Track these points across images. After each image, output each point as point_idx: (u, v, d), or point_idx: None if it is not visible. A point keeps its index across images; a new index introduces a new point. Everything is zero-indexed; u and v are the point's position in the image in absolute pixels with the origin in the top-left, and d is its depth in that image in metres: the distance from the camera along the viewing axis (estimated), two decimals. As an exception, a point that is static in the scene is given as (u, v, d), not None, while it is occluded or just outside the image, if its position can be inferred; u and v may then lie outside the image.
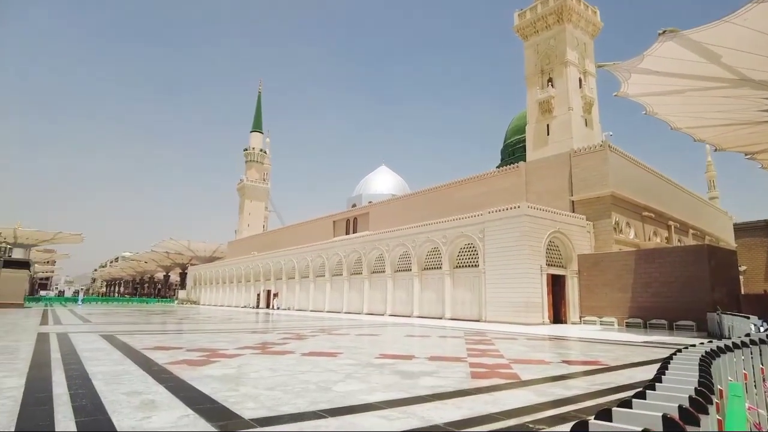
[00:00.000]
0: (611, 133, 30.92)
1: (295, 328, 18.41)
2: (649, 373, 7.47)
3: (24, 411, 4.49)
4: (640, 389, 2.26)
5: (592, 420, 1.78)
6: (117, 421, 4.11)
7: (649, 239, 30.29)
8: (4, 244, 45.51)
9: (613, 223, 26.78)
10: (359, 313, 33.20)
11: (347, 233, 47.43)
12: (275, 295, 45.97)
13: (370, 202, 52.42)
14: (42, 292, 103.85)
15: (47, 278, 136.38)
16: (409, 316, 28.78)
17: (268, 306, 46.59)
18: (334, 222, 51.10)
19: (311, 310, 38.79)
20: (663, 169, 34.52)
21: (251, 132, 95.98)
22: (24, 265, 37.96)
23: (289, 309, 42.08)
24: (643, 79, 14.99)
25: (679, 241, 33.36)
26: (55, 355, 8.68)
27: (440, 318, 26.71)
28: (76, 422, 4.06)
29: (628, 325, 21.52)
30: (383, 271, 32.53)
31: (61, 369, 7.06)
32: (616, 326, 21.81)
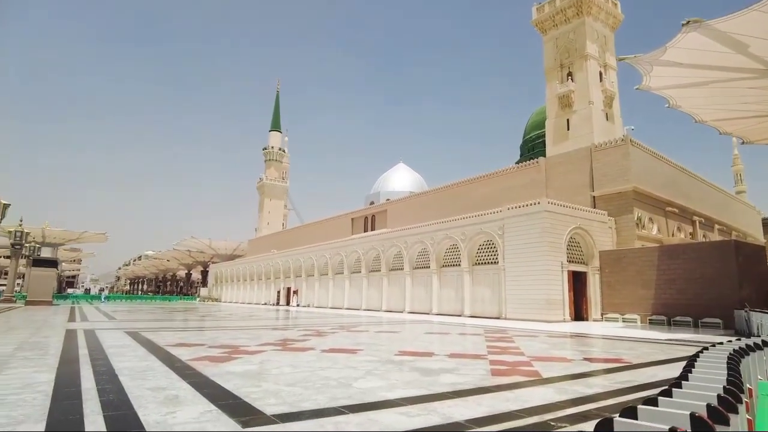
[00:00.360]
0: (633, 127, 30.40)
1: (314, 325, 18.54)
2: (673, 371, 7.33)
3: (54, 404, 4.62)
4: (666, 387, 2.22)
5: (616, 418, 1.75)
6: (143, 416, 4.20)
7: (673, 235, 29.67)
8: (33, 244, 46.70)
9: (636, 218, 26.30)
10: (378, 310, 33.27)
11: (365, 231, 47.54)
12: (295, 292, 46.36)
13: (388, 199, 52.45)
14: (69, 290, 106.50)
15: (74, 276, 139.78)
16: (427, 314, 28.74)
17: (288, 303, 47.02)
18: (352, 219, 51.26)
19: (330, 307, 39.02)
20: (687, 163, 33.89)
21: (270, 131, 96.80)
22: (52, 264, 38.98)
23: (308, 306, 42.41)
24: (666, 71, 14.68)
25: (704, 236, 32.61)
26: (83, 351, 8.90)
27: (459, 315, 26.62)
28: (104, 416, 4.16)
29: (652, 323, 21.13)
30: (402, 269, 32.53)
31: (89, 365, 7.23)
32: (638, 324, 21.43)
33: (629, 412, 1.81)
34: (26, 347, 9.40)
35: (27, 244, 42.16)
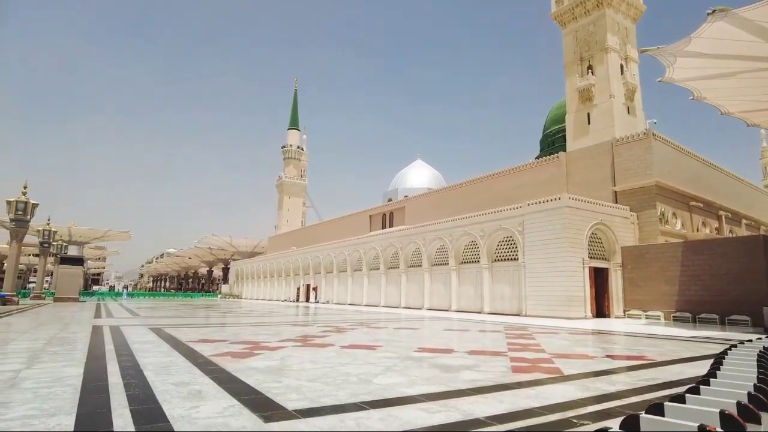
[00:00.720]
0: (655, 121, 29.80)
1: (334, 321, 18.65)
2: (699, 369, 7.18)
3: (83, 398, 4.74)
4: (693, 385, 2.17)
5: (643, 414, 1.72)
6: (168, 410, 4.28)
7: (698, 230, 29.00)
8: (60, 242, 47.94)
9: (659, 213, 25.79)
10: (397, 307, 33.30)
11: (383, 227, 47.58)
12: (314, 289, 46.69)
13: (405, 196, 52.37)
14: (95, 287, 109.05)
15: (99, 274, 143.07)
16: (446, 310, 28.66)
17: (307, 300, 47.38)
18: (370, 216, 51.34)
19: (349, 304, 39.19)
20: (713, 157, 33.08)
21: (288, 129, 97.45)
22: (78, 261, 39.91)
23: (327, 303, 42.66)
24: (690, 62, 14.34)
25: (730, 231, 31.81)
26: (109, 347, 9.10)
27: (479, 312, 26.48)
28: (130, 410, 4.25)
29: (676, 320, 20.72)
30: (420, 265, 32.49)
31: (115, 360, 7.40)
32: (662, 320, 21.04)
33: (656, 409, 1.78)
34: (55, 342, 9.66)
35: (54, 243, 43.32)
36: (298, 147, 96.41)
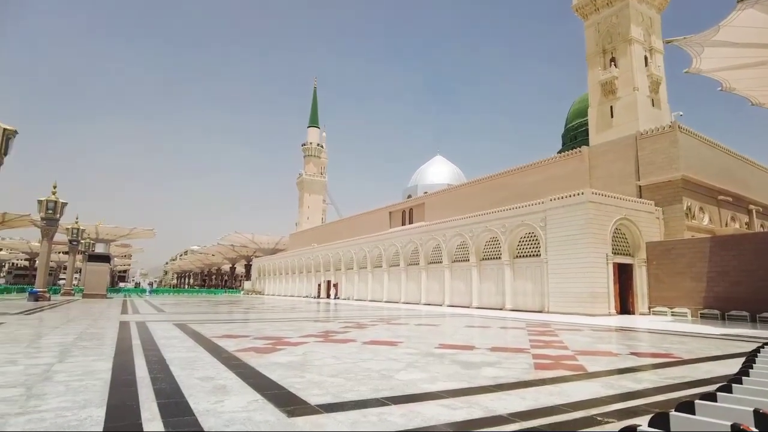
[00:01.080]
0: (681, 113, 29.03)
1: (355, 317, 18.73)
2: (729, 367, 7.00)
3: (113, 391, 4.87)
4: (725, 383, 2.12)
5: (672, 412, 1.69)
6: (193, 404, 4.36)
7: (726, 225, 28.25)
8: (87, 240, 49.20)
9: (685, 208, 25.19)
10: (417, 303, 33.29)
11: (403, 224, 47.55)
12: (335, 285, 46.98)
13: (425, 192, 52.22)
14: (121, 284, 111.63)
15: (125, 271, 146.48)
16: (467, 307, 28.54)
17: (328, 296, 47.70)
18: (390, 213, 51.36)
19: (369, 300, 39.32)
20: (743, 150, 32.11)
21: (308, 127, 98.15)
22: (105, 259, 40.94)
23: (348, 299, 42.89)
24: (719, 52, 13.93)
25: (761, 226, 30.88)
26: (136, 342, 9.31)
27: (500, 309, 26.29)
28: (157, 404, 4.34)
29: (703, 317, 20.24)
30: (440, 262, 32.39)
31: (142, 354, 7.56)
32: (689, 318, 20.57)
33: (686, 407, 1.74)
34: (85, 337, 9.93)
35: (82, 241, 44.47)
36: (318, 144, 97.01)
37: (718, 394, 1.91)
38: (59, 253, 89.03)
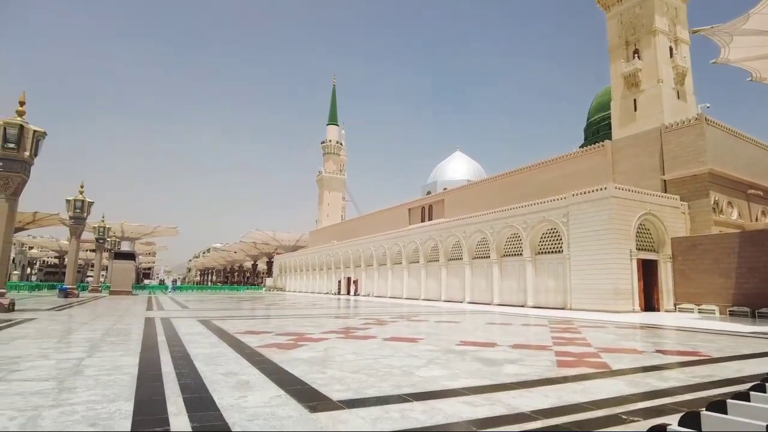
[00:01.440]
0: (708, 105, 28.29)
1: (375, 313, 18.79)
2: (761, 366, 6.84)
3: (140, 386, 4.99)
4: (758, 382, 2.06)
5: (704, 411, 1.65)
6: (218, 399, 4.44)
7: (757, 219, 27.43)
8: (113, 239, 50.33)
9: (712, 202, 24.55)
10: (437, 300, 33.21)
11: (422, 221, 47.45)
12: (355, 282, 47.17)
13: (445, 188, 51.99)
14: (146, 281, 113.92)
15: (149, 268, 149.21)
16: (488, 304, 28.35)
17: (348, 292, 47.93)
18: (409, 210, 51.30)
19: (389, 297, 39.37)
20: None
21: (327, 125, 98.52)
22: (131, 256, 41.87)
23: (368, 296, 43.01)
24: (748, 41, 13.51)
25: (793, 220, 29.91)
26: (161, 338, 9.50)
27: (522, 306, 26.06)
28: (183, 398, 4.43)
29: (732, 314, 19.73)
30: (460, 258, 32.23)
31: (167, 350, 7.72)
32: (717, 315, 20.08)
33: (718, 406, 1.70)
34: (112, 333, 10.18)
35: (109, 239, 45.51)
36: (337, 142, 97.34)
37: (752, 393, 1.86)
38: (87, 251, 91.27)
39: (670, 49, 32.93)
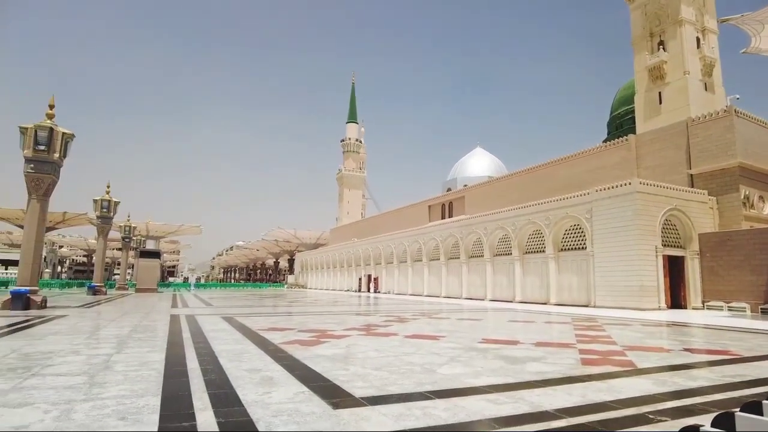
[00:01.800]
0: (738, 97, 27.47)
1: (396, 311, 18.80)
2: (793, 365, 6.62)
3: (166, 381, 5.10)
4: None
5: (738, 412, 1.61)
6: (242, 395, 4.51)
7: (790, 214, 26.54)
8: (139, 237, 51.45)
9: (742, 197, 23.85)
10: (458, 298, 33.06)
11: (443, 218, 47.26)
12: (375, 279, 47.29)
13: (465, 185, 51.66)
14: (170, 279, 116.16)
15: (174, 266, 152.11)
16: (510, 301, 28.12)
17: (368, 290, 48.08)
18: (429, 207, 51.15)
19: (410, 294, 39.35)
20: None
21: (347, 123, 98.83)
22: (156, 255, 42.66)
23: (388, 293, 43.07)
24: (780, 30, 13.06)
25: (828, 215, 28.86)
26: (186, 335, 9.68)
27: (544, 303, 25.77)
28: (208, 394, 4.52)
29: (764, 312, 19.15)
30: (481, 255, 32.01)
31: (192, 347, 7.86)
32: (748, 313, 19.53)
33: (753, 407, 1.65)
34: (139, 330, 10.42)
35: (134, 238, 46.52)
36: (357, 140, 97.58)
37: (787, 393, 1.81)
38: (113, 249, 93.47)
39: (697, 39, 32.05)
